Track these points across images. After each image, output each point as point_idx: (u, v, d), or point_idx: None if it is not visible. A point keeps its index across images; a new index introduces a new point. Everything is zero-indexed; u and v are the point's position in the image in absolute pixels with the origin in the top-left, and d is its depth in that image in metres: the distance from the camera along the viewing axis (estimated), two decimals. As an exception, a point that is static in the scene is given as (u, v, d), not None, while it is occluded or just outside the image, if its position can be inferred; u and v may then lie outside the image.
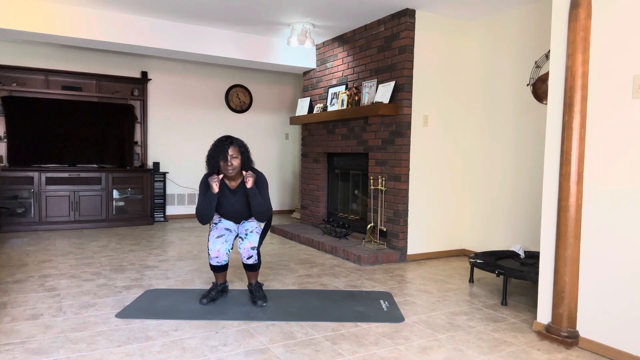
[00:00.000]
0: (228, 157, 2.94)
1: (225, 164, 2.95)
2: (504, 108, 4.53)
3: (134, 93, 6.75)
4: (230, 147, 2.95)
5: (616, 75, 2.45)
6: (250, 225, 3.14)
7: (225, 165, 2.95)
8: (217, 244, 3.06)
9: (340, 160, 5.66)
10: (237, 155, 2.97)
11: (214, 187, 2.94)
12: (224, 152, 2.93)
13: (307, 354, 2.43)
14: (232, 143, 2.97)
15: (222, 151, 2.94)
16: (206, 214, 3.00)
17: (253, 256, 3.07)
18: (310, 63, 6.01)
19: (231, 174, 2.99)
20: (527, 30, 4.31)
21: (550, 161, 2.74)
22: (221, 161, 2.95)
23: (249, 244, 3.04)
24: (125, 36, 4.90)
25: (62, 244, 5.09)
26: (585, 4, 2.52)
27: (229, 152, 2.94)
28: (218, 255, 3.07)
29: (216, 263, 3.11)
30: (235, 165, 2.97)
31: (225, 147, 2.94)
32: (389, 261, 4.53)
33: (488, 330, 2.81)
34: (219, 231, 3.11)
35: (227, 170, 2.97)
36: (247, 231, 3.10)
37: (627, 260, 2.40)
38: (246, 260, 3.08)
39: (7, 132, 5.97)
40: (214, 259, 3.09)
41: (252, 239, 3.05)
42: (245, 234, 3.08)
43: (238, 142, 3.01)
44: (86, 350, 2.40)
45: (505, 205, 4.51)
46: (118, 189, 6.42)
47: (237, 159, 2.97)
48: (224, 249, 3.07)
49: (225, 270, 3.21)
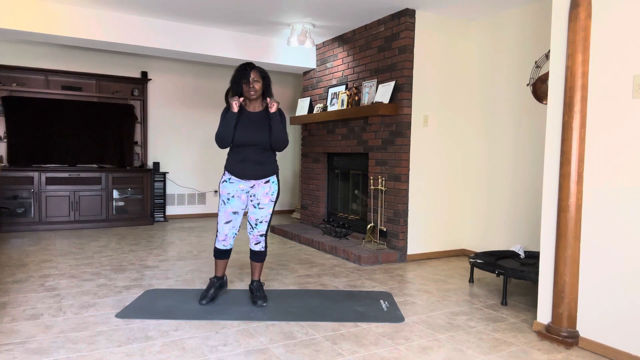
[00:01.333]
0: (250, 80, 3.03)
1: (248, 86, 3.04)
2: (504, 108, 4.53)
3: (134, 93, 6.74)
4: (252, 71, 3.04)
5: (616, 75, 2.45)
6: (261, 215, 3.16)
7: (248, 88, 3.04)
8: (225, 229, 3.17)
9: (340, 160, 5.66)
10: (258, 80, 3.06)
11: (234, 106, 3.01)
12: (247, 76, 3.02)
13: (307, 354, 2.43)
14: (254, 68, 3.07)
15: (244, 75, 3.03)
16: (225, 135, 3.05)
17: (261, 242, 3.20)
18: (310, 63, 6.01)
19: (253, 97, 3.07)
20: (527, 30, 4.31)
21: (550, 161, 2.74)
22: (244, 84, 3.04)
23: (258, 232, 3.19)
24: (125, 36, 4.90)
25: (62, 244, 5.09)
26: (585, 4, 2.52)
27: (251, 76, 3.03)
28: (225, 238, 3.18)
29: (222, 246, 3.19)
30: (257, 89, 3.05)
31: (247, 71, 3.03)
32: (389, 261, 4.53)
33: (488, 330, 2.81)
34: (227, 216, 3.16)
35: (250, 93, 3.05)
36: (257, 221, 3.17)
37: (627, 260, 2.40)
38: (254, 246, 3.20)
39: (7, 132, 5.97)
40: (221, 242, 3.18)
41: (261, 228, 3.19)
42: (256, 224, 3.18)
43: (259, 68, 3.10)
44: (86, 350, 2.40)
45: (505, 205, 4.51)
46: (118, 189, 6.42)
47: (258, 82, 3.06)
48: (231, 233, 3.20)
49: (227, 259, 3.26)
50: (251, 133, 3.07)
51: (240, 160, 3.10)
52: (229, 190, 3.14)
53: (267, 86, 3.12)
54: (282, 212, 8.20)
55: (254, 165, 3.10)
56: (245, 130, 3.07)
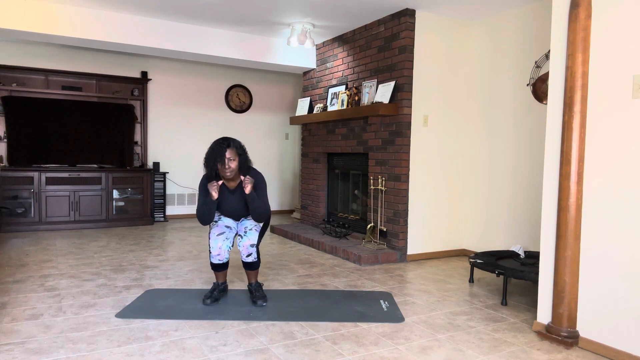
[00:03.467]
0: (225, 161, 2.95)
1: (223, 167, 2.96)
2: (504, 108, 4.53)
3: (134, 93, 6.75)
4: (227, 150, 2.95)
5: (616, 75, 2.45)
6: (249, 223, 3.16)
7: (223, 169, 2.96)
8: (218, 242, 3.08)
9: (340, 160, 5.66)
10: (234, 158, 2.97)
11: (213, 194, 2.96)
12: (222, 155, 2.94)
13: (307, 354, 2.43)
14: (230, 145, 2.97)
15: (219, 154, 2.94)
16: (206, 217, 3.04)
17: (252, 254, 3.09)
18: (310, 63, 6.01)
19: (229, 177, 3.02)
20: (527, 30, 4.31)
21: (550, 161, 2.74)
22: (219, 164, 2.96)
23: (248, 241, 3.07)
24: (125, 36, 4.90)
25: (62, 244, 5.09)
26: (585, 4, 2.52)
27: (227, 155, 2.94)
28: (220, 252, 3.09)
29: (218, 261, 3.13)
30: (233, 168, 2.98)
31: (222, 149, 2.94)
32: (389, 261, 4.53)
33: (488, 330, 2.81)
34: (220, 229, 3.12)
35: (225, 173, 2.98)
36: (246, 229, 3.12)
37: (627, 260, 2.40)
38: (245, 257, 3.11)
39: (7, 132, 5.97)
40: (216, 257, 3.11)
41: (251, 237, 3.09)
42: (245, 232, 3.11)
43: (235, 144, 3.00)
44: (86, 350, 2.40)
45: (505, 205, 4.51)
46: (118, 189, 6.42)
47: (234, 161, 2.97)
48: (225, 246, 3.09)
49: (226, 270, 3.22)
50: (232, 211, 3.17)
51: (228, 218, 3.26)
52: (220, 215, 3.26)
53: (243, 162, 3.04)
54: (282, 212, 8.20)
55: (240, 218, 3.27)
56: (227, 207, 3.16)
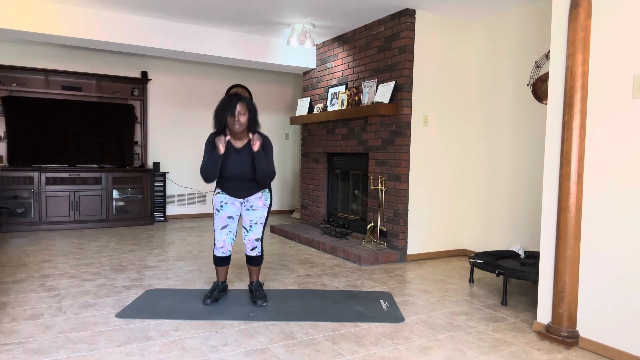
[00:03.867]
0: (236, 113, 2.92)
1: (233, 119, 2.93)
2: (504, 108, 4.53)
3: (134, 93, 6.74)
4: (238, 104, 2.94)
5: (616, 75, 2.45)
6: (255, 216, 3.14)
7: (233, 121, 2.94)
8: (222, 235, 3.13)
9: (340, 160, 5.66)
10: (244, 112, 2.96)
11: (221, 148, 2.91)
12: (232, 108, 2.92)
13: (307, 354, 2.43)
14: (241, 100, 2.97)
15: (230, 107, 2.92)
16: (211, 173, 3.00)
17: (257, 247, 3.16)
18: (310, 63, 6.01)
19: (238, 130, 2.97)
20: (527, 30, 4.31)
21: (550, 161, 2.74)
22: (229, 117, 2.94)
23: (253, 235, 3.14)
24: (125, 36, 4.90)
25: (62, 244, 5.09)
26: (585, 4, 2.52)
27: (237, 108, 2.92)
28: (224, 245, 3.13)
29: (221, 254, 3.16)
30: (242, 122, 2.95)
31: (233, 102, 2.93)
32: (389, 261, 4.53)
33: (488, 330, 2.81)
34: (222, 221, 3.13)
35: (235, 127, 2.95)
36: (251, 222, 3.14)
37: (627, 260, 2.40)
38: (250, 251, 3.16)
39: (7, 132, 5.97)
40: (220, 250, 3.15)
41: (256, 231, 3.15)
42: (250, 226, 3.14)
43: (246, 100, 3.00)
44: (86, 350, 2.40)
45: (505, 205, 4.51)
46: (118, 189, 6.42)
47: (244, 115, 2.96)
48: (229, 239, 3.15)
49: (227, 265, 3.24)
50: (237, 170, 3.05)
51: (231, 187, 3.13)
52: (221, 199, 3.15)
53: (252, 119, 3.02)
54: (282, 212, 8.19)
55: (245, 190, 3.13)
56: (232, 166, 3.05)
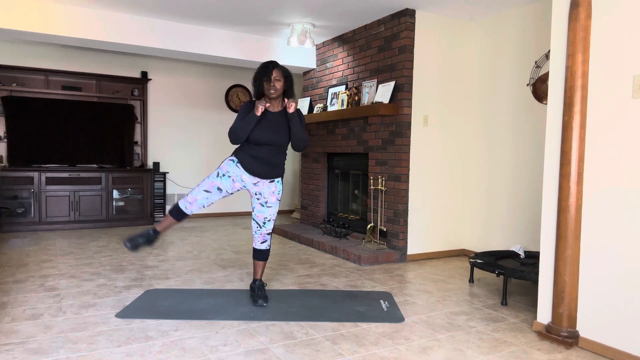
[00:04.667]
0: (272, 78, 3.00)
1: (269, 84, 3.00)
2: (504, 108, 4.53)
3: (134, 93, 6.75)
4: (274, 70, 3.01)
5: (616, 75, 2.45)
6: (269, 213, 3.18)
7: (269, 86, 3.01)
8: (197, 195, 3.10)
9: (340, 160, 5.66)
10: (280, 78, 3.02)
11: (260, 108, 2.96)
12: (269, 74, 2.99)
13: (307, 354, 2.43)
14: (277, 67, 3.04)
15: (266, 72, 3.00)
16: (240, 132, 3.00)
17: (267, 240, 3.23)
18: (310, 63, 6.01)
19: (273, 95, 3.03)
20: (527, 30, 4.31)
21: (550, 161, 2.74)
22: (265, 82, 3.01)
23: (265, 230, 3.21)
24: (125, 36, 4.90)
25: (62, 244, 5.09)
26: (585, 4, 2.52)
27: (273, 74, 3.00)
28: (193, 202, 3.11)
29: (184, 208, 3.11)
30: (277, 88, 3.02)
31: (270, 68, 3.01)
32: (389, 261, 4.53)
33: (488, 330, 2.81)
34: (210, 186, 3.10)
35: (270, 92, 3.02)
36: (265, 220, 3.18)
37: (628, 260, 2.40)
38: (260, 244, 3.21)
39: (7, 132, 5.97)
40: (186, 203, 3.10)
41: (269, 227, 3.22)
42: (264, 223, 3.19)
43: (282, 67, 3.07)
44: (86, 350, 2.40)
45: (505, 205, 4.51)
46: (118, 189, 6.42)
47: (280, 81, 3.02)
48: (201, 203, 3.12)
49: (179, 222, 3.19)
50: (268, 134, 3.04)
51: (253, 156, 3.07)
52: (230, 169, 3.10)
53: (289, 86, 3.09)
54: (282, 212, 8.19)
55: (265, 165, 3.09)
56: (263, 130, 3.04)
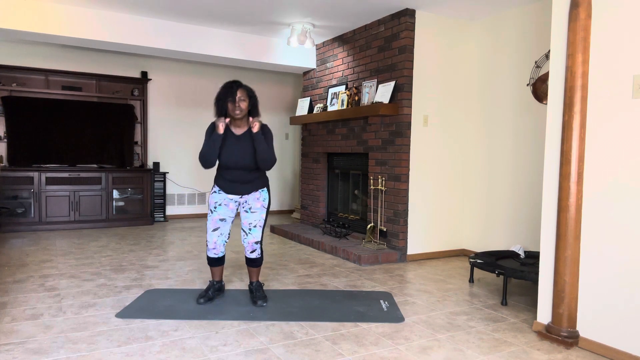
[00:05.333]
0: (236, 99, 2.96)
1: (234, 105, 2.97)
2: (504, 108, 4.53)
3: (134, 93, 6.74)
4: (239, 90, 2.98)
5: (616, 75, 2.45)
6: (254, 219, 3.13)
7: (233, 107, 2.97)
8: (213, 237, 3.14)
9: (340, 160, 5.66)
10: (245, 98, 2.99)
11: (220, 127, 2.94)
12: (233, 94, 2.96)
13: (307, 354, 2.43)
14: (241, 86, 3.00)
15: (230, 93, 2.96)
16: (209, 156, 2.99)
17: (257, 250, 3.14)
18: (310, 63, 6.01)
19: (238, 116, 3.00)
20: (527, 30, 4.31)
21: (550, 161, 2.74)
22: (229, 102, 2.97)
23: (252, 239, 3.12)
24: (125, 36, 4.90)
25: (62, 244, 5.09)
26: (585, 4, 2.52)
27: (238, 94, 2.96)
28: (215, 247, 3.14)
29: (214, 255, 3.16)
30: (243, 108, 2.98)
31: (234, 89, 2.97)
32: (389, 261, 4.53)
33: (488, 330, 2.81)
34: (214, 223, 3.13)
35: (235, 112, 2.98)
36: (250, 225, 3.13)
37: (627, 260, 2.40)
38: (250, 254, 3.14)
39: (7, 132, 5.97)
40: (212, 251, 3.15)
41: (255, 234, 3.13)
42: (249, 229, 3.13)
43: (246, 87, 3.04)
44: (86, 350, 2.40)
45: (505, 205, 4.51)
46: (118, 189, 6.42)
47: (244, 101, 2.99)
48: (220, 241, 3.15)
49: (222, 265, 3.24)
50: (236, 156, 3.03)
51: (229, 180, 3.10)
52: (217, 199, 3.14)
53: (253, 105, 3.05)
54: (282, 212, 8.19)
55: (243, 184, 3.10)
56: (231, 153, 3.03)
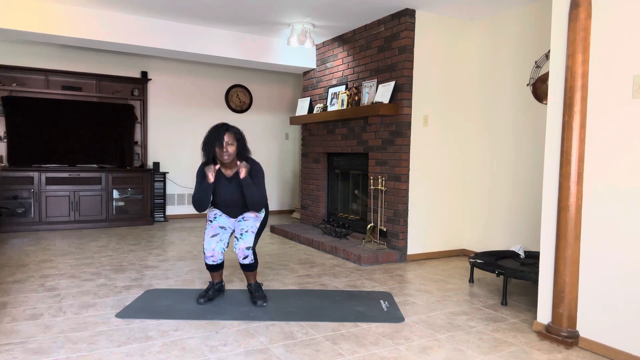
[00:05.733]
0: (224, 144, 2.95)
1: (221, 150, 2.96)
2: (504, 108, 4.53)
3: (134, 93, 6.75)
4: (226, 134, 2.97)
5: (616, 75, 2.45)
6: (246, 225, 3.11)
7: (221, 152, 2.97)
8: (211, 243, 3.08)
9: (340, 160, 5.66)
10: (232, 142, 2.99)
11: (210, 177, 2.95)
12: (220, 139, 2.95)
13: (307, 354, 2.43)
14: (228, 130, 2.99)
15: (217, 138, 2.95)
16: (202, 202, 3.03)
17: (249, 256, 3.05)
18: (310, 63, 6.01)
19: (227, 161, 3.00)
20: (527, 30, 4.31)
21: (550, 161, 2.74)
22: (217, 147, 2.97)
23: (244, 244, 3.03)
24: (125, 36, 4.90)
25: (62, 244, 5.09)
26: (585, 4, 2.52)
27: (225, 139, 2.96)
28: (213, 254, 3.09)
29: (212, 262, 3.12)
30: (230, 152, 2.98)
31: (221, 133, 2.96)
32: (389, 261, 4.53)
33: (488, 330, 2.81)
34: (214, 230, 3.11)
35: (223, 157, 2.98)
36: (242, 231, 3.08)
37: (627, 260, 2.40)
38: (242, 260, 3.07)
39: (7, 132, 5.97)
40: (209, 258, 3.11)
41: (247, 239, 3.04)
42: (241, 234, 3.07)
43: (234, 130, 3.03)
44: (86, 350, 2.40)
45: (505, 205, 4.51)
46: (118, 189, 6.42)
47: (232, 145, 2.99)
48: (219, 248, 3.09)
49: (221, 270, 3.23)
50: (229, 196, 3.11)
51: (226, 212, 3.22)
52: (216, 212, 3.22)
53: (241, 148, 3.05)
54: (282, 212, 8.20)
55: (240, 211, 3.21)
56: (224, 194, 3.11)
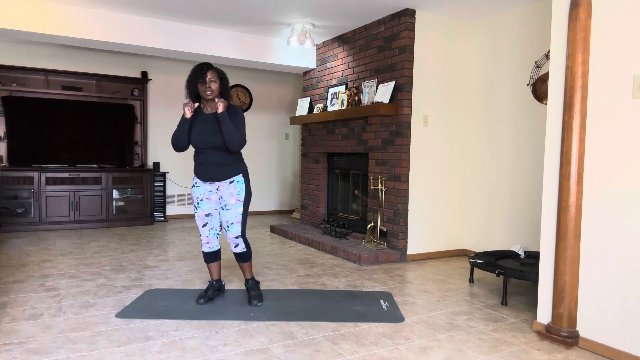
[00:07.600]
0: (207, 80, 2.97)
1: (204, 86, 2.98)
2: (503, 108, 4.53)
3: (134, 93, 6.74)
4: (209, 71, 2.99)
5: (616, 75, 2.45)
6: (229, 216, 3.08)
7: (204, 88, 2.98)
8: (205, 231, 3.19)
9: (340, 160, 5.66)
10: (215, 80, 3.00)
11: (187, 111, 2.97)
12: (203, 75, 2.97)
13: (307, 354, 2.43)
14: (211, 68, 3.01)
15: (200, 74, 2.97)
16: (177, 139, 3.04)
17: (239, 244, 3.13)
18: (310, 63, 6.01)
19: (209, 97, 3.00)
20: (527, 30, 4.31)
21: (550, 161, 2.74)
22: (199, 84, 2.99)
23: (232, 234, 3.11)
24: (125, 36, 4.90)
25: (62, 244, 5.09)
26: (585, 4, 2.52)
27: (208, 76, 2.98)
28: (209, 240, 3.18)
29: (208, 249, 3.21)
30: (213, 89, 2.99)
31: (204, 71, 2.98)
32: (389, 261, 4.53)
33: (488, 330, 2.81)
34: (201, 220, 3.17)
35: (206, 93, 2.99)
36: (227, 223, 3.11)
37: (628, 259, 2.40)
38: (234, 248, 3.15)
39: (7, 132, 5.97)
40: (206, 245, 3.20)
41: (234, 230, 3.10)
42: (227, 227, 3.12)
43: (217, 69, 3.05)
44: (86, 350, 2.40)
45: (505, 205, 4.51)
46: (118, 189, 6.42)
47: (215, 82, 3.00)
48: (212, 234, 3.19)
49: (218, 261, 3.26)
50: (205, 136, 3.02)
51: (200, 163, 3.09)
52: (197, 194, 3.15)
53: (224, 87, 3.06)
54: (282, 212, 8.20)
55: (213, 166, 3.05)
56: (200, 133, 3.03)
